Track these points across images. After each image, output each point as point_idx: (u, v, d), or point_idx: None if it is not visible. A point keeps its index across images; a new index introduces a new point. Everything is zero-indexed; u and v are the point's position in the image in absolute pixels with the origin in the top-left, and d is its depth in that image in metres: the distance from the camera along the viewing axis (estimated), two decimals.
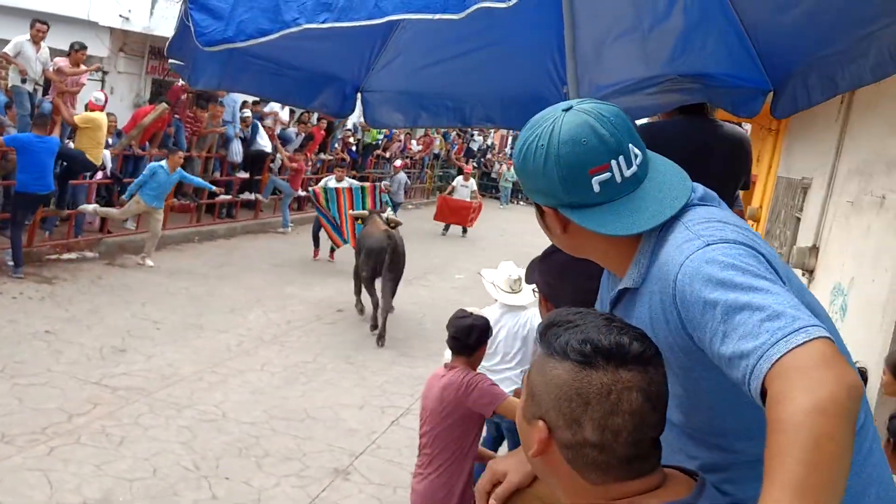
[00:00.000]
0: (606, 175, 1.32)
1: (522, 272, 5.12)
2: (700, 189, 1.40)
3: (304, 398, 6.61)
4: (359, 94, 3.46)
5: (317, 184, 12.56)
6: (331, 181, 12.13)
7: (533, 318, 4.97)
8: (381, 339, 8.60)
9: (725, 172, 2.81)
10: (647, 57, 3.01)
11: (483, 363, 4.85)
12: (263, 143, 14.39)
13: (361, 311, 9.58)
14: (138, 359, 6.90)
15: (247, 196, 14.31)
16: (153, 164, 10.38)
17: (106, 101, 10.47)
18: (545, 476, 1.24)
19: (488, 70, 3.34)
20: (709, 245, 1.22)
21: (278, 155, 14.90)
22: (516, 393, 4.71)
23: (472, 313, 3.79)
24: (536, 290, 2.16)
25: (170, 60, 2.41)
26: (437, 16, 1.76)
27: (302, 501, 4.93)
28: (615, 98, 3.23)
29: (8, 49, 9.77)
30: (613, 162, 1.32)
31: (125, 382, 6.32)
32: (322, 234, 12.09)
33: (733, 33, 2.82)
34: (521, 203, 29.46)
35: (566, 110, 1.35)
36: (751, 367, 1.06)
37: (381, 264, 8.79)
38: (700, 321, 1.17)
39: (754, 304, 1.10)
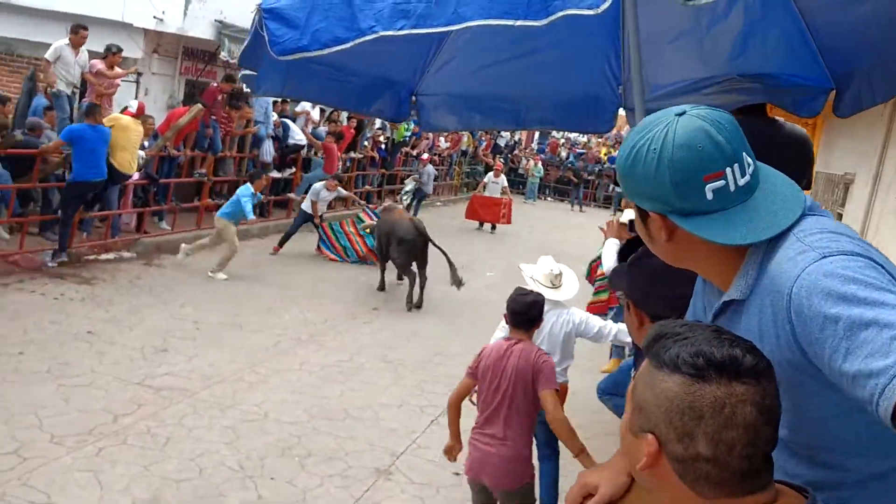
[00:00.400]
0: (720, 182, 1.29)
1: (563, 267, 5.10)
2: (808, 198, 1.37)
3: (343, 398, 6.63)
4: (413, 98, 3.45)
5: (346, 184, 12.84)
6: (322, 192, 12.24)
7: (574, 315, 4.94)
8: (419, 306, 9.98)
9: (789, 173, 2.76)
10: (705, 57, 2.97)
11: None
12: (298, 137, 14.51)
13: (382, 288, 10.69)
14: (179, 359, 6.96)
15: (287, 175, 14.32)
16: (244, 189, 10.35)
17: (141, 111, 10.45)
18: (653, 489, 1.22)
19: (543, 72, 3.32)
20: (825, 257, 1.19)
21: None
22: (561, 387, 4.71)
23: (531, 291, 4.02)
24: (624, 296, 2.13)
25: (243, 71, 2.41)
26: (519, 22, 1.73)
27: (346, 502, 4.94)
28: (672, 99, 3.20)
29: (48, 54, 9.89)
30: (728, 169, 1.29)
31: (168, 383, 6.37)
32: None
33: (795, 32, 2.78)
34: (549, 199, 29.38)
35: (679, 115, 1.33)
36: (881, 386, 1.03)
37: (416, 251, 9.84)
38: (818, 337, 1.14)
39: (882, 320, 1.07)
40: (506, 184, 18.82)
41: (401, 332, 8.91)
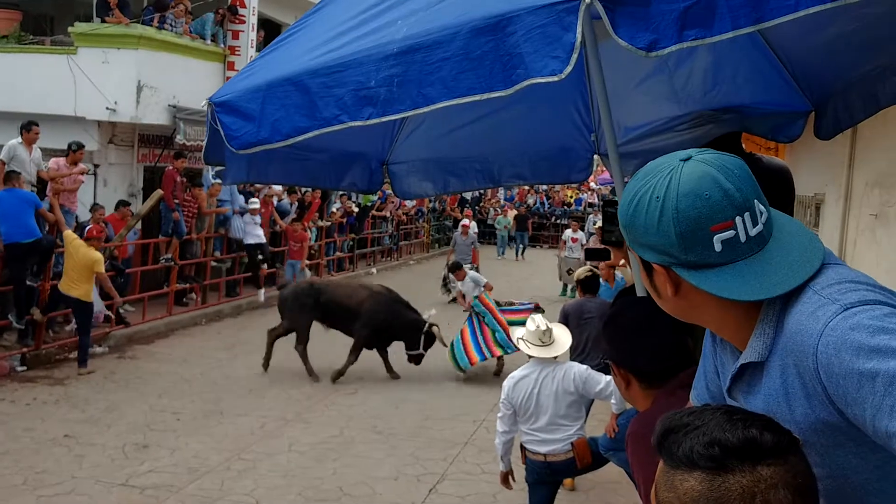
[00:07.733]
0: (730, 233, 1.19)
1: (551, 324, 4.98)
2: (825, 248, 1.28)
3: (336, 476, 6.40)
4: (385, 168, 3.38)
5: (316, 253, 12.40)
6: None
7: (569, 368, 4.81)
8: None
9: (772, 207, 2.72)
10: (676, 95, 2.94)
11: (524, 427, 4.69)
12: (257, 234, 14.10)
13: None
14: (163, 454, 6.70)
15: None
16: None
17: (91, 234, 9.65)
18: None
19: (513, 128, 3.27)
20: (847, 309, 1.09)
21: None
22: (575, 443, 4.57)
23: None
24: (608, 359, 2.05)
25: (214, 169, 2.32)
26: (485, 95, 1.67)
27: None
28: (645, 140, 3.16)
29: (2, 155, 9.67)
30: (738, 219, 1.19)
31: (153, 480, 6.11)
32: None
33: (765, 60, 2.76)
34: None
35: (684, 160, 1.23)
36: None
37: None
38: (856, 396, 1.04)
39: None
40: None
41: (388, 399, 8.70)
